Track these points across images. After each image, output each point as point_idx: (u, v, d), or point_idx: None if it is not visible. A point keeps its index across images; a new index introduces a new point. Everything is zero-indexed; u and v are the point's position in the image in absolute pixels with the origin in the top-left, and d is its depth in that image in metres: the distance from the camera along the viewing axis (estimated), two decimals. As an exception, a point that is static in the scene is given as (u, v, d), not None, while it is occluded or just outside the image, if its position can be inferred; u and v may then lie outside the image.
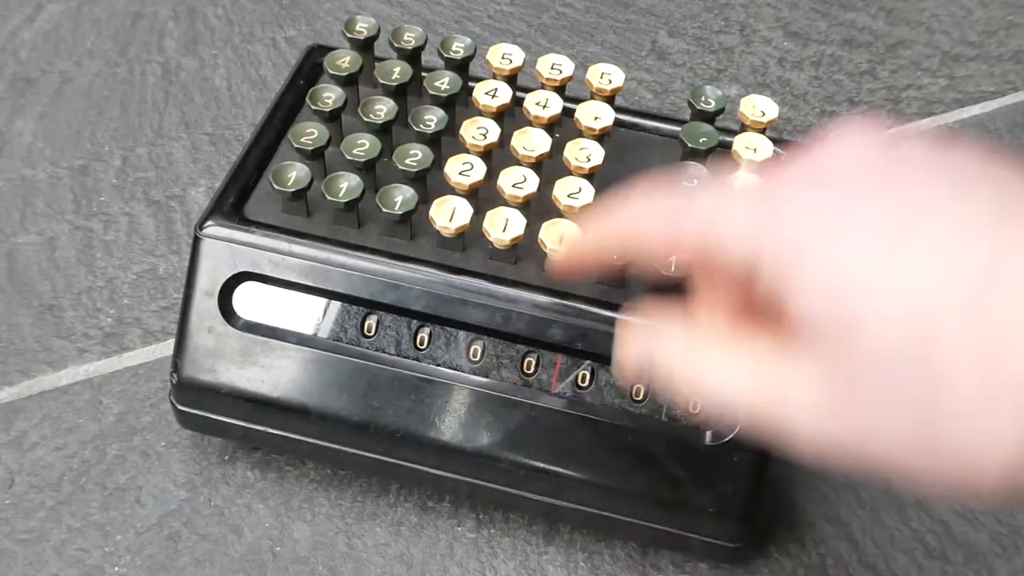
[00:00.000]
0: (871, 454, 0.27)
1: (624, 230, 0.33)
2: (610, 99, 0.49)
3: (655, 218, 0.31)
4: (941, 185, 0.25)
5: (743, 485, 0.43)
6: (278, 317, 0.45)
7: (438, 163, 0.46)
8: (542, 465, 0.44)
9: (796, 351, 0.27)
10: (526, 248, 0.44)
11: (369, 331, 0.44)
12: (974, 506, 0.50)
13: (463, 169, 0.44)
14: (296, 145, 0.45)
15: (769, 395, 0.28)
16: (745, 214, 0.29)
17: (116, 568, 0.46)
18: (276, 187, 0.43)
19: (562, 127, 0.50)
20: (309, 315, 0.45)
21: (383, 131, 0.46)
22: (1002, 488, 0.25)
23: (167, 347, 0.54)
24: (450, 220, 0.43)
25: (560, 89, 0.48)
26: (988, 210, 0.24)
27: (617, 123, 0.48)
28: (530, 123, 0.47)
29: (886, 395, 0.25)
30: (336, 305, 0.45)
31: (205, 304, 0.45)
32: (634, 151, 0.50)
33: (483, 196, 0.45)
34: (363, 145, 0.45)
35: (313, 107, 0.46)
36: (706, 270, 0.32)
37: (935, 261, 0.24)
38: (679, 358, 0.31)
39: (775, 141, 0.49)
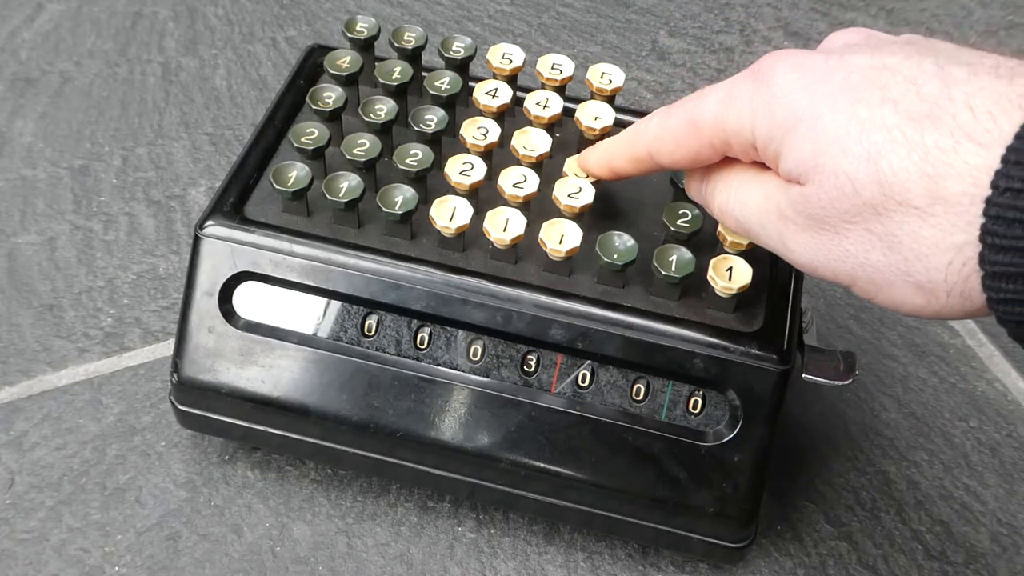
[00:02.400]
0: (847, 268, 0.33)
1: (652, 136, 0.38)
2: (610, 99, 0.49)
3: (677, 122, 0.37)
4: (900, 52, 0.32)
5: (743, 485, 0.43)
6: (278, 317, 0.45)
7: (438, 163, 0.46)
8: (542, 465, 0.44)
9: (789, 192, 0.34)
10: (526, 248, 0.44)
11: (369, 331, 0.44)
12: (974, 506, 0.50)
13: (463, 169, 0.44)
14: (296, 145, 0.45)
15: (774, 219, 0.34)
16: (746, 99, 0.34)
17: (116, 568, 0.46)
18: (276, 187, 0.43)
19: (562, 127, 0.50)
20: (309, 315, 0.45)
21: (383, 131, 0.46)
22: (954, 297, 0.30)
23: (167, 347, 0.54)
24: (450, 220, 0.43)
25: (560, 89, 0.48)
26: (932, 64, 0.31)
27: (617, 123, 0.48)
28: (530, 123, 0.47)
29: (853, 220, 0.31)
30: (336, 305, 0.45)
31: (205, 304, 0.45)
32: (634, 151, 0.50)
33: (483, 196, 0.45)
34: (363, 145, 0.45)
35: (313, 107, 0.46)
36: (727, 152, 0.37)
37: (892, 112, 0.30)
38: (717, 188, 0.38)
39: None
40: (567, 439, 0.43)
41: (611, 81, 0.48)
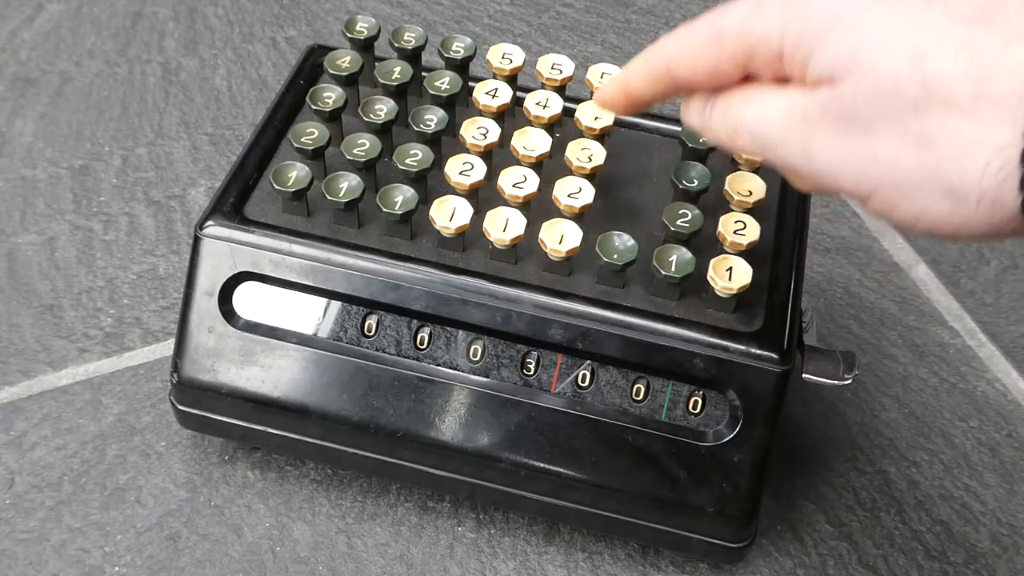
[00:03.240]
0: (872, 173, 0.31)
1: (672, 47, 0.36)
2: (610, 99, 0.49)
3: (699, 32, 0.35)
4: None
5: (743, 485, 0.43)
6: (278, 317, 0.45)
7: (438, 163, 0.46)
8: (542, 465, 0.44)
9: (816, 94, 0.32)
10: (526, 248, 0.44)
11: (369, 331, 0.44)
12: (974, 506, 0.50)
13: (463, 169, 0.44)
14: (296, 145, 0.45)
15: (797, 126, 0.33)
16: (776, 2, 0.33)
17: (116, 568, 0.46)
18: (276, 187, 0.43)
19: (562, 127, 0.50)
20: (309, 315, 0.45)
21: (383, 131, 0.46)
22: (984, 205, 0.29)
23: (167, 347, 0.54)
24: (450, 220, 0.43)
25: (560, 89, 0.48)
26: None
27: (617, 123, 0.48)
28: (530, 123, 0.47)
29: (888, 119, 0.30)
30: (336, 305, 0.45)
31: (205, 304, 0.45)
32: (634, 151, 0.50)
33: (483, 196, 0.45)
34: (363, 145, 0.45)
35: (313, 107, 0.46)
36: (748, 65, 0.35)
37: (940, 13, 0.29)
38: (732, 104, 0.36)
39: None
40: (567, 439, 0.43)
41: (611, 81, 0.48)
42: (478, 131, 0.45)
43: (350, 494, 0.49)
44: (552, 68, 0.49)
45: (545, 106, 0.47)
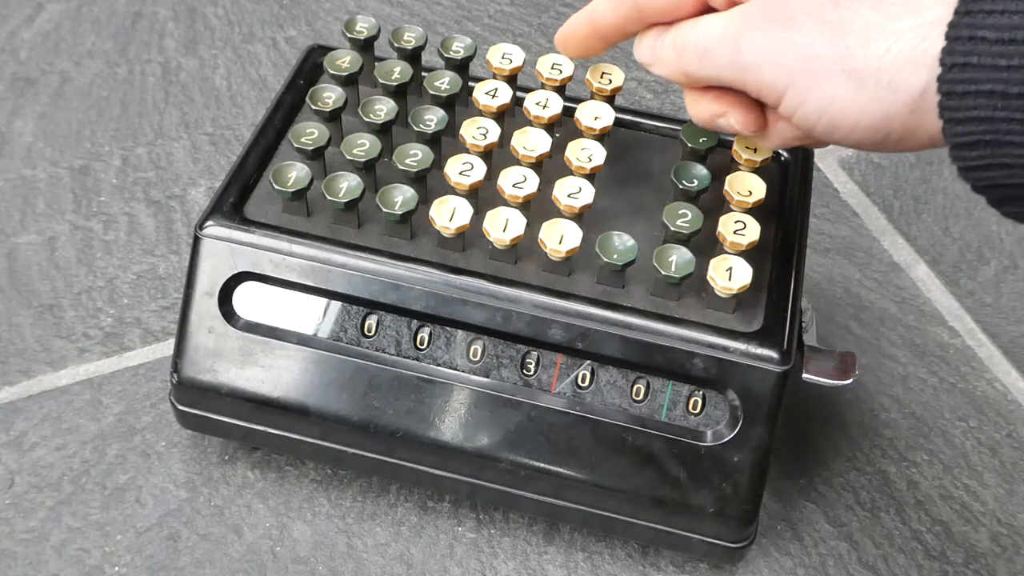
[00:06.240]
0: (790, 60, 0.35)
1: None
2: (610, 99, 0.49)
3: None
4: None
5: (743, 485, 0.43)
6: (278, 317, 0.45)
7: (438, 163, 0.46)
8: (542, 465, 0.44)
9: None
10: (526, 248, 0.44)
11: (369, 331, 0.44)
12: (974, 506, 0.50)
13: (463, 169, 0.44)
14: (296, 145, 0.45)
15: (733, 28, 0.37)
16: None
17: (116, 568, 0.46)
18: (276, 187, 0.43)
19: (562, 127, 0.50)
20: (309, 315, 0.45)
21: (383, 131, 0.46)
22: (881, 89, 0.34)
23: (167, 347, 0.54)
24: (450, 220, 0.43)
25: (560, 89, 0.48)
26: None
27: (617, 123, 0.48)
28: (530, 123, 0.47)
29: (811, 11, 0.35)
30: (336, 305, 0.45)
31: (205, 304, 0.45)
32: (634, 151, 0.50)
33: (483, 196, 0.45)
34: (363, 145, 0.45)
35: (313, 107, 0.46)
36: None
37: None
38: (683, 29, 0.40)
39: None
40: (567, 439, 0.43)
41: (611, 81, 0.48)
42: (478, 131, 0.45)
43: (350, 494, 0.49)
44: (552, 68, 0.49)
45: (545, 106, 0.47)
